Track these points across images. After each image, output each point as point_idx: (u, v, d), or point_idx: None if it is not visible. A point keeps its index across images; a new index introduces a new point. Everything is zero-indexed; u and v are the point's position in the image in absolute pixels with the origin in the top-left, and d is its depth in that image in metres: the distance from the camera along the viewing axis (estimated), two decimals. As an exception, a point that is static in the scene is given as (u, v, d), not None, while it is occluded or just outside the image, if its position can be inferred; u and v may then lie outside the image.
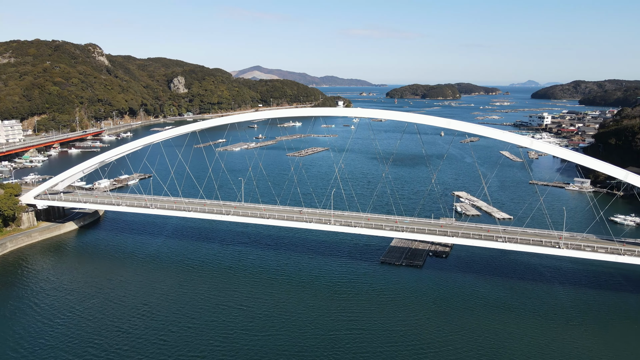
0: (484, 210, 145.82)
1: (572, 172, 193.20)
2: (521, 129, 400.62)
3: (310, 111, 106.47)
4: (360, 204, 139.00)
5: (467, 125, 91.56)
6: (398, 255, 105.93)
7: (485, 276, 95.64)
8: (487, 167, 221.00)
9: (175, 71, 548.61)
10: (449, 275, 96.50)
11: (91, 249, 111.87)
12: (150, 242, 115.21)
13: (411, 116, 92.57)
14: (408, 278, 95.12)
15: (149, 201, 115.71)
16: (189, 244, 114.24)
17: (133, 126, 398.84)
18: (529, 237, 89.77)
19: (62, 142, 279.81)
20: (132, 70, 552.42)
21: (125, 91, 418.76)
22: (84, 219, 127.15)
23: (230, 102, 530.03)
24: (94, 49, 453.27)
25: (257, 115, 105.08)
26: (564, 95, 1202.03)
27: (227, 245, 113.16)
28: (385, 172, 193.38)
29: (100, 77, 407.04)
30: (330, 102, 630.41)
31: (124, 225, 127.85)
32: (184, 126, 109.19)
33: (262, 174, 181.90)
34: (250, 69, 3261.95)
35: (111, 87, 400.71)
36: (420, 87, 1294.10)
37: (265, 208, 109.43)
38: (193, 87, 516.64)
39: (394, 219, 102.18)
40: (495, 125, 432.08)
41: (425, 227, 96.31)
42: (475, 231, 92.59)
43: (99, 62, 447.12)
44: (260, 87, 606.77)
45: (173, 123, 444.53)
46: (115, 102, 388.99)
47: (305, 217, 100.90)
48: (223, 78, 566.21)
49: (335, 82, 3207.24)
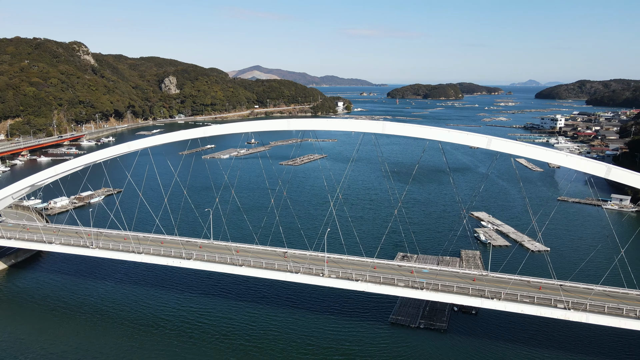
0: (512, 237, 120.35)
1: (603, 184, 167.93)
2: (532, 132, 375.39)
3: (305, 124, 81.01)
4: (363, 238, 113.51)
5: (516, 146, 66.68)
6: (413, 312, 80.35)
7: (538, 342, 70.10)
8: (506, 179, 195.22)
9: (167, 71, 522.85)
10: (484, 343, 71.02)
11: (19, 298, 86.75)
12: (96, 289, 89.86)
13: (437, 133, 67.74)
14: (429, 348, 69.78)
15: (93, 236, 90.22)
16: (144, 291, 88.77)
17: (118, 129, 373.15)
18: (601, 300, 64.23)
19: (33, 148, 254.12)
20: (122, 70, 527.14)
21: (111, 92, 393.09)
22: (17, 255, 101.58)
23: (225, 104, 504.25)
24: (79, 47, 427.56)
25: (244, 127, 79.62)
26: (569, 95, 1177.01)
27: (192, 294, 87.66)
28: (392, 192, 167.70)
29: (84, 77, 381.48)
30: (330, 103, 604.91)
31: (66, 266, 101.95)
32: (164, 135, 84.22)
33: (245, 193, 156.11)
34: (250, 69, 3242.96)
35: (95, 88, 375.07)
36: (421, 87, 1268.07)
37: (239, 249, 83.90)
38: (185, 88, 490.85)
39: (408, 267, 76.77)
40: (504, 128, 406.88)
41: (451, 280, 70.78)
42: (522, 288, 67.21)
43: (84, 61, 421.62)
44: (256, 87, 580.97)
45: (163, 126, 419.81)
46: (99, 103, 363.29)
47: (290, 265, 75.41)
48: (217, 78, 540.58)
49: (336, 82, 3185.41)
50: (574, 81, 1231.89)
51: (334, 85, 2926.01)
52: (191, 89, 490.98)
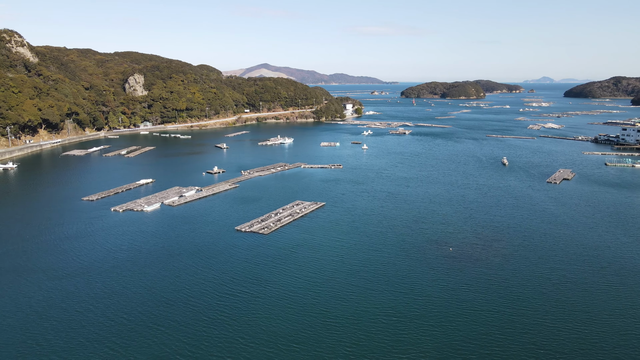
0: None
1: None
2: (615, 147, 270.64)
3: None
4: None
5: None
6: None
7: None
8: None
9: (135, 67, 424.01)
10: None
11: None
12: None
13: None
14: None
15: None
16: None
17: (41, 147, 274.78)
18: None
19: None
20: (83, 67, 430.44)
21: (43, 95, 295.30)
22: None
23: (204, 108, 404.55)
24: (10, 37, 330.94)
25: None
26: (604, 94, 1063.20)
27: None
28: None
29: (5, 75, 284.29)
30: (336, 105, 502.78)
31: None
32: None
33: None
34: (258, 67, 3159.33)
35: (18, 90, 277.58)
36: (438, 85, 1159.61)
37: None
38: (154, 89, 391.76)
39: None
40: (568, 143, 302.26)
41: None
42: None
43: (17, 54, 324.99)
44: (246, 87, 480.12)
45: (118, 138, 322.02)
46: (21, 111, 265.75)
47: None
48: (199, 76, 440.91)
49: (345, 80, 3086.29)
50: (606, 78, 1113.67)
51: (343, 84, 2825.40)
52: (161, 89, 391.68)
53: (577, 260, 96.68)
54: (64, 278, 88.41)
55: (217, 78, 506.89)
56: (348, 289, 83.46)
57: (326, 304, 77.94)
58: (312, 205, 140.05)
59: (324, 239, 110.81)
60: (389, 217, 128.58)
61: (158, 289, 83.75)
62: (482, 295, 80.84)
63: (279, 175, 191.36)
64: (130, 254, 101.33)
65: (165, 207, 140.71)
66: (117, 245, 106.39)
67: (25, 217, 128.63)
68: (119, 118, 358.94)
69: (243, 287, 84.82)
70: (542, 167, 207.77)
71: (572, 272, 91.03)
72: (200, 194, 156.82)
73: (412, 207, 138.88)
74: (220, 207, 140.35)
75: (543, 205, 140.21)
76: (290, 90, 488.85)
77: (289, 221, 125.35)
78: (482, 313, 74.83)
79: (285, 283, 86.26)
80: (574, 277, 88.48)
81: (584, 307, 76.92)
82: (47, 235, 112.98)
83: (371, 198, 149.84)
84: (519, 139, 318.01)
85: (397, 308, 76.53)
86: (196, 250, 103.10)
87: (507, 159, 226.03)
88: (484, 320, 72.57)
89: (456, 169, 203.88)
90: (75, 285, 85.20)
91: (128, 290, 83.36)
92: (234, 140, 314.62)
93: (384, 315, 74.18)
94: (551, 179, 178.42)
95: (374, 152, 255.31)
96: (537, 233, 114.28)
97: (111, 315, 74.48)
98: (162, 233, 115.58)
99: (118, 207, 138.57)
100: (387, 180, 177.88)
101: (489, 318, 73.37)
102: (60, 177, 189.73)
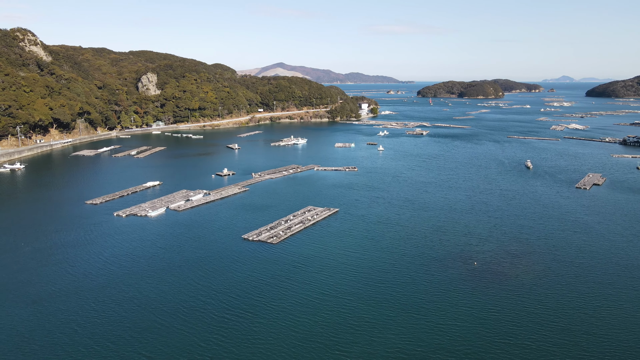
0: None
1: None
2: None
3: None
4: None
5: None
6: None
7: None
8: None
9: (148, 66, 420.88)
10: None
11: None
12: None
13: None
14: None
15: None
16: None
17: (51, 147, 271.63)
18: None
19: None
20: (96, 67, 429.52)
21: (55, 94, 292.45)
22: None
23: (217, 108, 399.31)
24: (24, 35, 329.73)
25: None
26: (627, 93, 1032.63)
27: None
28: None
29: (17, 74, 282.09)
30: (352, 105, 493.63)
31: None
32: None
33: None
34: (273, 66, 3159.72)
35: (29, 89, 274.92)
36: (456, 84, 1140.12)
37: None
38: (167, 88, 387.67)
39: None
40: (593, 142, 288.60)
41: None
42: None
43: (30, 53, 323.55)
44: (260, 86, 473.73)
45: (129, 138, 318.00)
46: (31, 110, 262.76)
47: None
48: (212, 75, 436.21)
49: (361, 79, 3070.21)
50: (630, 77, 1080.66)
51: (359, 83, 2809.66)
52: (174, 89, 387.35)
53: (619, 281, 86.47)
54: (52, 295, 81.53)
55: (231, 77, 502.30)
56: (359, 314, 74.88)
57: (335, 332, 69.49)
58: (325, 212, 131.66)
59: (335, 250, 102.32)
60: (407, 226, 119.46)
61: (152, 308, 76.26)
62: (513, 324, 71.47)
63: (291, 178, 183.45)
64: (127, 265, 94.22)
65: (170, 213, 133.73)
66: (114, 255, 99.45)
67: (24, 222, 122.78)
68: (131, 117, 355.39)
69: (244, 308, 76.79)
70: (570, 171, 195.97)
71: (616, 296, 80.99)
72: (208, 197, 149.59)
73: (431, 215, 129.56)
74: (228, 213, 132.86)
75: (575, 215, 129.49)
76: (304, 90, 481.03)
77: (300, 229, 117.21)
78: (514, 347, 65.54)
79: (289, 303, 78.01)
80: (619, 302, 78.44)
81: (636, 343, 67.07)
82: (43, 243, 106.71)
83: (387, 204, 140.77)
84: (542, 140, 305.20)
85: (418, 337, 67.67)
86: (197, 263, 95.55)
87: (531, 162, 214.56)
88: (518, 355, 63.29)
89: (477, 172, 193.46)
90: (64, 303, 78.24)
91: (120, 307, 76.10)
92: (247, 140, 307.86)
93: (401, 345, 65.37)
94: (580, 184, 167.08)
95: (390, 154, 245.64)
96: (571, 247, 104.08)
97: (98, 339, 67.16)
98: (163, 242, 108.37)
99: (121, 212, 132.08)
100: (404, 185, 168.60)
101: (522, 352, 64.07)
102: (67, 178, 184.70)
